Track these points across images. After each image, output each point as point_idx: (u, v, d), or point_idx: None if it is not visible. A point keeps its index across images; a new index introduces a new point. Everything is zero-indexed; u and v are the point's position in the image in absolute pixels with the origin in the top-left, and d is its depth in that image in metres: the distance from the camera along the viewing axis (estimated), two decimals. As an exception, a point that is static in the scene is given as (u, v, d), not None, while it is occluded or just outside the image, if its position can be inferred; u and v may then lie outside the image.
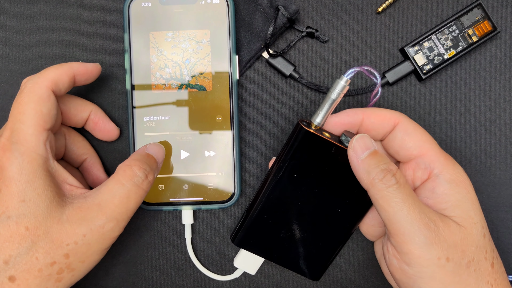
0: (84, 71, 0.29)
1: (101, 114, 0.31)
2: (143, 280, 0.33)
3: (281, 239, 0.30)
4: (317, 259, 0.30)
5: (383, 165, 0.25)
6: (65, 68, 0.27)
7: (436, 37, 0.32)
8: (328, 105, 0.27)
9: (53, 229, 0.24)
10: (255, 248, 0.30)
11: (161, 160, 0.29)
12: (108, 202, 0.25)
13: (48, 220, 0.24)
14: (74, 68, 0.28)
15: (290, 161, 0.28)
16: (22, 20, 0.33)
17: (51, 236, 0.24)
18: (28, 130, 0.25)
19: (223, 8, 0.31)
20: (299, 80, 0.33)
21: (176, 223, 0.33)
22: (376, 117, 0.27)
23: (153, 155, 0.28)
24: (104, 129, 0.31)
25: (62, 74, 0.27)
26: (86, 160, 0.31)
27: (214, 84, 0.31)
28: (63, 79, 0.27)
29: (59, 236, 0.24)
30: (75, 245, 0.24)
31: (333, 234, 0.30)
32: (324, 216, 0.29)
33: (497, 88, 0.33)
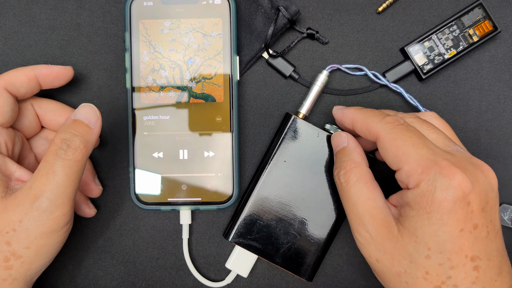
0: (48, 73, 0.29)
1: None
2: (142, 280, 0.33)
3: (272, 233, 0.30)
4: (309, 255, 0.30)
5: (341, 162, 0.28)
6: (26, 70, 0.28)
7: (437, 36, 0.32)
8: (312, 96, 0.32)
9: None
10: (247, 244, 0.30)
11: (94, 121, 0.27)
12: (37, 182, 0.25)
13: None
14: (36, 70, 0.29)
15: (280, 147, 0.31)
16: (22, 20, 0.33)
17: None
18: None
19: (224, 9, 0.31)
20: (299, 80, 0.33)
21: (176, 224, 0.33)
22: (360, 128, 0.28)
23: (82, 119, 0.27)
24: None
25: (20, 75, 0.28)
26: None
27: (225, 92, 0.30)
28: (20, 79, 0.28)
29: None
30: (14, 232, 0.25)
31: (323, 224, 0.30)
32: (314, 204, 0.31)
33: (498, 88, 0.33)
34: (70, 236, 0.33)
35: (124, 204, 0.33)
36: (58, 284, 0.33)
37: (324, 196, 0.31)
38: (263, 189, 0.31)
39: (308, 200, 0.30)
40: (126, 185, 0.33)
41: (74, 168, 0.26)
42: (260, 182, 0.31)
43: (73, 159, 0.26)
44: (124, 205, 0.33)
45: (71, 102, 0.33)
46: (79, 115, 0.27)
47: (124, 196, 0.33)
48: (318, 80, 0.32)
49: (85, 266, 0.33)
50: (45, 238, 0.26)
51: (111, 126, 0.33)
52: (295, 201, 0.30)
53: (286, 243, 0.31)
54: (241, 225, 0.31)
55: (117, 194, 0.33)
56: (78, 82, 0.33)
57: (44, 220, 0.25)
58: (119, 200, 0.33)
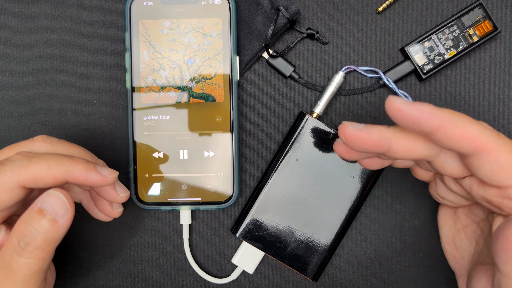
0: (81, 181, 0.24)
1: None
2: (143, 280, 0.33)
3: (280, 231, 0.30)
4: (316, 255, 0.31)
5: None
6: (56, 170, 0.24)
7: (437, 36, 0.32)
8: (327, 96, 0.31)
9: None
10: (254, 240, 0.31)
11: (62, 214, 0.23)
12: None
13: None
14: (68, 173, 0.24)
15: (292, 146, 0.30)
16: (22, 20, 0.33)
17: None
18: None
19: (224, 9, 0.31)
20: (299, 80, 0.33)
21: (176, 223, 0.33)
22: (451, 135, 0.21)
23: (48, 210, 0.23)
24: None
25: (47, 175, 0.24)
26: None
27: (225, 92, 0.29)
28: (45, 180, 0.24)
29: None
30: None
31: (332, 225, 0.30)
32: (324, 204, 0.31)
33: (498, 88, 0.33)
34: (69, 236, 0.33)
35: (124, 204, 0.33)
36: (58, 284, 0.33)
37: (334, 196, 0.31)
38: (274, 187, 0.31)
39: (318, 199, 0.31)
40: (126, 185, 0.33)
41: (34, 267, 0.23)
42: (270, 179, 0.31)
43: (33, 259, 0.23)
44: (124, 205, 0.33)
45: (71, 102, 0.33)
46: (46, 205, 0.23)
47: (124, 196, 0.33)
48: (334, 80, 0.32)
49: (85, 266, 0.33)
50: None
51: (111, 126, 0.33)
52: (305, 200, 0.31)
53: (294, 242, 0.31)
54: (249, 221, 0.31)
55: (117, 194, 0.33)
56: (78, 82, 0.33)
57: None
58: (119, 200, 0.33)
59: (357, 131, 0.22)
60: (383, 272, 0.33)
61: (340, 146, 0.24)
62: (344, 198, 0.31)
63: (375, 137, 0.22)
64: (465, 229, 0.28)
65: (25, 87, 0.33)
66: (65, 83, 0.33)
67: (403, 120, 0.21)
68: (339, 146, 0.24)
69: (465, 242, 0.28)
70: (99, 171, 0.25)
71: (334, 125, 0.33)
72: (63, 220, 0.23)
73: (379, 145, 0.22)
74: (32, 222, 0.23)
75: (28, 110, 0.33)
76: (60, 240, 0.24)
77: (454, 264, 0.29)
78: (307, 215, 0.31)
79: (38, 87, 0.33)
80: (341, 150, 0.24)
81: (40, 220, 0.23)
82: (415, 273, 0.33)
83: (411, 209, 0.33)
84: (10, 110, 0.33)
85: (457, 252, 0.28)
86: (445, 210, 0.29)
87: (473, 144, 0.21)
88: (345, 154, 0.24)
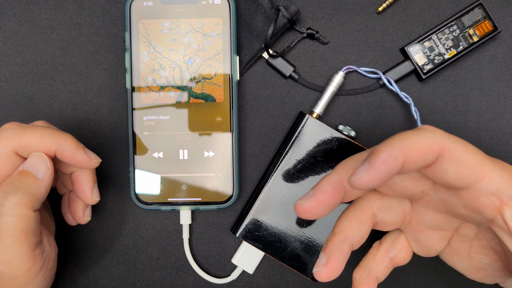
0: (69, 158, 0.26)
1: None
2: (142, 280, 0.33)
3: (280, 231, 0.31)
4: (316, 255, 0.31)
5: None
6: (49, 141, 0.25)
7: (437, 36, 0.32)
8: (327, 96, 0.31)
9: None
10: (254, 240, 0.31)
11: (43, 172, 0.25)
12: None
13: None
14: (59, 146, 0.25)
15: (292, 146, 0.30)
16: (22, 20, 0.33)
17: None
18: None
19: (224, 9, 0.31)
20: (299, 80, 0.33)
21: (176, 223, 0.33)
22: (416, 154, 0.20)
23: (29, 169, 0.24)
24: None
25: (40, 144, 0.25)
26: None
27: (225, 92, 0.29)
28: (38, 149, 0.25)
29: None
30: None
31: (331, 225, 0.31)
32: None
33: (498, 88, 0.33)
34: (69, 236, 0.33)
35: (124, 204, 0.33)
36: (58, 284, 0.33)
37: None
38: (274, 187, 0.31)
39: None
40: (126, 185, 0.33)
41: (19, 225, 0.23)
42: (270, 179, 0.31)
43: (16, 216, 0.23)
44: (124, 205, 0.33)
45: (71, 102, 0.33)
46: (27, 165, 0.25)
47: (124, 196, 0.33)
48: (334, 80, 0.32)
49: (85, 266, 0.33)
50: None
51: (111, 126, 0.33)
52: None
53: (294, 242, 0.31)
54: (249, 221, 0.31)
55: (117, 194, 0.33)
56: (78, 82, 0.33)
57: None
58: (119, 200, 0.33)
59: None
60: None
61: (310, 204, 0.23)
62: None
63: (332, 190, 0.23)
64: (472, 250, 0.26)
65: (25, 87, 0.33)
66: (65, 83, 0.33)
67: (378, 184, 0.20)
68: (308, 206, 0.23)
69: (484, 259, 0.26)
70: (86, 152, 0.26)
71: (334, 125, 0.33)
72: (45, 177, 0.24)
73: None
74: (13, 180, 0.24)
75: (28, 110, 0.33)
76: (41, 200, 0.24)
77: (493, 280, 0.27)
78: None
79: (38, 87, 0.33)
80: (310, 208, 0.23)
81: (21, 178, 0.24)
82: (415, 273, 0.33)
83: (411, 209, 0.33)
84: (10, 110, 0.33)
85: (486, 271, 0.26)
86: (443, 254, 0.28)
87: (434, 152, 0.20)
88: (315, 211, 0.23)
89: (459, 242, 0.26)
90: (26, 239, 0.24)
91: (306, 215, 0.23)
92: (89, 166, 0.26)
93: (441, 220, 0.25)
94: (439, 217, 0.25)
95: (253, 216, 0.31)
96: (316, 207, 0.22)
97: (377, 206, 0.25)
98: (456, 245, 0.26)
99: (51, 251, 0.27)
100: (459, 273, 0.33)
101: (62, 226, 0.33)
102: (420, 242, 0.27)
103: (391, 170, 0.19)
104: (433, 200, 0.24)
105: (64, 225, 0.33)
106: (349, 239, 0.24)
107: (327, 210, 0.23)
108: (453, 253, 0.27)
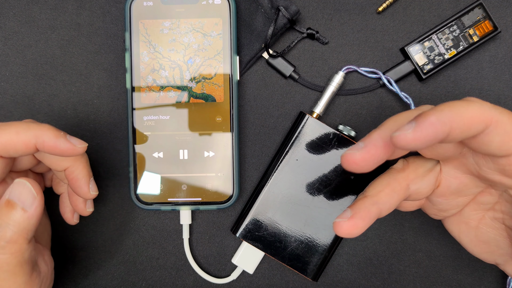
0: (50, 148, 0.24)
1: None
2: (142, 280, 0.33)
3: (280, 231, 0.31)
4: (316, 255, 0.31)
5: None
6: (26, 136, 0.24)
7: (437, 36, 0.32)
8: (327, 96, 0.31)
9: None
10: (254, 240, 0.31)
11: (29, 203, 0.23)
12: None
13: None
14: (39, 139, 0.24)
15: (292, 146, 0.30)
16: (22, 20, 0.33)
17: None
18: None
19: (224, 9, 0.31)
20: (299, 80, 0.33)
21: (176, 223, 0.33)
22: (463, 125, 0.20)
23: (15, 200, 0.23)
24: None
25: (18, 141, 0.24)
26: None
27: (225, 92, 0.29)
28: (16, 147, 0.24)
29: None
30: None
31: (332, 225, 0.30)
32: (324, 204, 0.31)
33: (498, 88, 0.33)
34: (69, 236, 0.33)
35: (124, 204, 0.33)
36: (58, 284, 0.33)
37: (334, 196, 0.31)
38: (274, 187, 0.31)
39: (318, 200, 0.31)
40: (126, 185, 0.33)
41: (13, 261, 0.23)
42: (271, 179, 0.31)
43: (9, 253, 0.23)
44: (124, 205, 0.33)
45: (71, 102, 0.33)
46: (12, 195, 0.23)
47: (124, 196, 0.33)
48: (334, 80, 0.32)
49: (85, 266, 0.33)
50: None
51: (111, 126, 0.33)
52: (305, 200, 0.31)
53: (294, 242, 0.31)
54: (249, 221, 0.31)
55: (117, 194, 0.33)
56: (78, 82, 0.33)
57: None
58: (119, 200, 0.33)
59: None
60: (383, 272, 0.33)
61: (358, 155, 0.22)
62: (344, 198, 0.31)
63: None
64: (482, 221, 0.26)
65: (25, 87, 0.33)
66: (65, 83, 0.33)
67: (420, 145, 0.20)
68: (356, 156, 0.22)
69: (492, 232, 0.26)
70: (69, 139, 0.25)
71: (334, 125, 0.33)
72: (32, 209, 0.23)
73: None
74: (0, 216, 0.23)
75: (28, 110, 0.33)
76: (34, 231, 0.23)
77: (493, 258, 0.27)
78: (307, 215, 0.31)
79: (38, 87, 0.33)
80: (359, 159, 0.22)
81: (8, 212, 0.23)
82: (415, 273, 0.33)
83: (411, 209, 0.33)
84: (10, 110, 0.33)
85: (489, 247, 0.27)
86: (451, 220, 0.28)
87: (482, 123, 0.20)
88: (363, 163, 0.22)
89: (473, 211, 0.26)
90: (21, 270, 0.23)
91: (353, 167, 0.22)
92: (75, 153, 0.25)
93: (468, 183, 0.25)
94: (468, 180, 0.25)
95: (253, 216, 0.31)
96: (366, 159, 0.22)
97: (412, 177, 0.25)
98: (469, 213, 0.26)
99: (47, 270, 0.26)
100: (459, 273, 0.33)
101: (62, 226, 0.33)
102: (435, 204, 0.26)
103: (437, 134, 0.19)
104: (468, 162, 0.24)
105: (64, 225, 0.33)
106: (379, 204, 0.23)
107: (375, 164, 0.22)
108: (463, 221, 0.27)
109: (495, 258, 0.27)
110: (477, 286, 0.33)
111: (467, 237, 0.27)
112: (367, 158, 0.22)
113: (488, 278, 0.33)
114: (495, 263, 0.27)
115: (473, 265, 0.33)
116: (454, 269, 0.33)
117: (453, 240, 0.33)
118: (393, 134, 0.20)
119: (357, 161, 0.22)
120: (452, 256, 0.33)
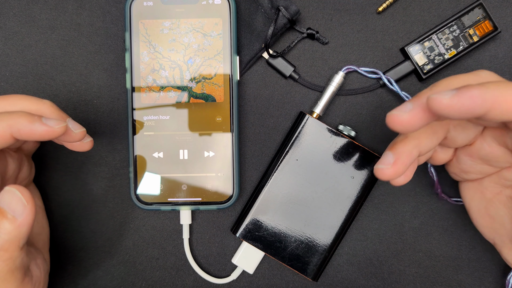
0: (27, 134, 0.23)
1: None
2: (142, 280, 0.33)
3: (281, 231, 0.31)
4: (316, 255, 0.31)
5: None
6: (2, 125, 0.23)
7: (437, 36, 0.32)
8: (327, 96, 0.31)
9: None
10: (254, 240, 0.31)
11: (20, 211, 0.23)
12: None
13: None
14: (13, 128, 0.23)
15: (292, 146, 0.31)
16: (22, 20, 0.33)
17: None
18: None
19: (224, 9, 0.31)
20: (299, 80, 0.33)
21: (176, 223, 0.33)
22: (507, 107, 0.19)
23: (5, 208, 0.22)
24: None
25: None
26: None
27: (225, 92, 0.30)
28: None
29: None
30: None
31: (332, 225, 0.30)
32: (324, 204, 0.31)
33: (498, 88, 0.33)
34: (69, 236, 0.33)
35: (124, 204, 0.33)
36: (58, 285, 0.33)
37: (334, 196, 0.31)
38: (274, 187, 0.31)
39: (318, 200, 0.31)
40: (126, 185, 0.33)
41: (5, 268, 0.22)
42: (271, 179, 0.31)
43: (0, 261, 0.22)
44: (124, 205, 0.33)
45: (71, 102, 0.33)
46: (3, 203, 0.22)
47: (124, 196, 0.33)
48: (334, 80, 0.32)
49: (84, 266, 0.33)
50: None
51: (111, 126, 0.33)
52: (305, 200, 0.31)
53: (294, 242, 0.31)
54: (249, 221, 0.31)
55: (117, 194, 0.33)
56: (78, 82, 0.33)
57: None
58: (119, 200, 0.33)
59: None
60: (383, 272, 0.33)
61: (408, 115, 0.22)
62: (344, 198, 0.31)
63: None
64: (497, 196, 0.26)
65: (25, 87, 0.33)
66: (65, 83, 0.33)
67: (454, 114, 0.19)
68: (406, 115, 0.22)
69: (502, 210, 0.26)
70: (45, 122, 0.24)
71: (334, 125, 0.33)
72: (23, 218, 0.22)
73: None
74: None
75: (28, 110, 0.33)
76: (26, 238, 0.23)
77: (493, 235, 0.27)
78: (307, 215, 0.31)
79: (38, 87, 0.33)
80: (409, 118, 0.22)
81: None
82: (415, 273, 0.33)
83: (411, 209, 0.33)
84: (10, 110, 0.33)
85: (494, 222, 0.27)
86: (469, 185, 0.28)
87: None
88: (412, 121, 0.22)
89: (493, 183, 0.26)
90: (12, 277, 0.23)
91: (398, 127, 0.22)
92: (53, 136, 0.24)
93: (499, 156, 0.25)
94: (500, 152, 0.25)
95: (253, 216, 0.31)
96: (413, 121, 0.21)
97: (455, 123, 0.24)
98: (488, 184, 0.26)
99: (40, 274, 0.26)
100: (459, 273, 0.33)
101: (61, 227, 0.33)
102: (461, 163, 0.26)
103: (474, 109, 0.19)
104: (505, 135, 0.24)
105: (64, 225, 0.33)
106: (420, 147, 0.23)
107: (420, 126, 0.22)
108: (479, 189, 0.27)
109: (495, 236, 0.27)
110: (477, 286, 0.33)
111: (477, 206, 0.27)
112: (414, 119, 0.21)
113: (488, 278, 0.33)
114: (493, 242, 0.28)
115: (473, 265, 0.33)
116: (454, 269, 0.33)
117: (453, 240, 0.33)
118: (430, 96, 0.20)
119: (404, 122, 0.21)
120: (452, 256, 0.33)
